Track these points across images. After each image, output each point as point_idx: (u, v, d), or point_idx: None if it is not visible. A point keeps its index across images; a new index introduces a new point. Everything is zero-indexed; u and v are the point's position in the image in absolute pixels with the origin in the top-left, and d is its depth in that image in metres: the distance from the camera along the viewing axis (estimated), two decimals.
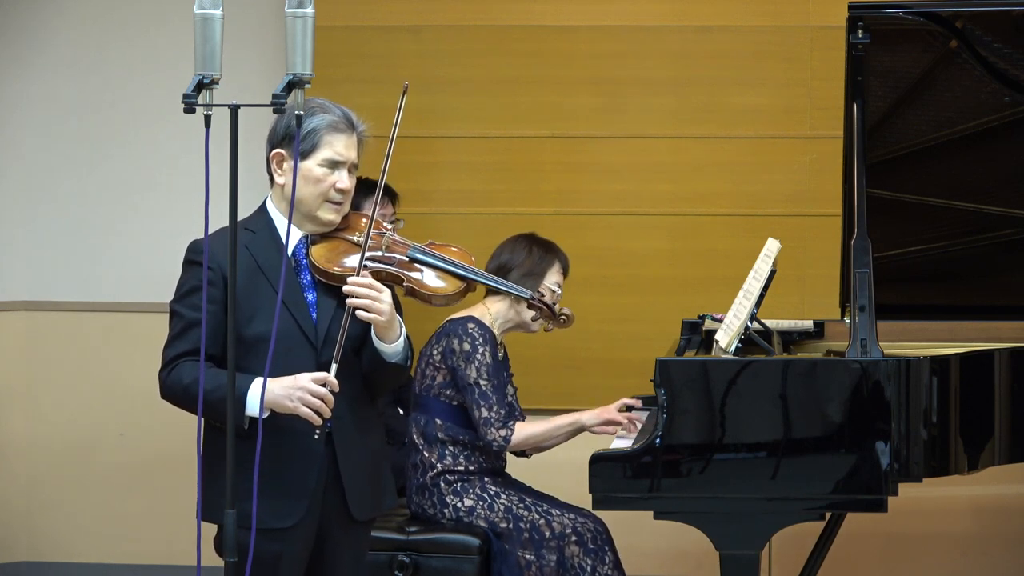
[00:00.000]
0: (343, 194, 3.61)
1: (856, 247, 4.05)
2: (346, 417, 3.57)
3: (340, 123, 3.60)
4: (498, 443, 4.53)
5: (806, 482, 3.88)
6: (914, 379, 3.90)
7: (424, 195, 5.73)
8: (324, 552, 3.63)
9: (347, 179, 3.61)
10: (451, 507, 4.56)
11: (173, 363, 3.51)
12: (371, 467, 3.67)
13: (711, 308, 4.91)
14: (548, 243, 4.76)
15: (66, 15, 5.96)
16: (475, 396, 4.52)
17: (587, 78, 5.75)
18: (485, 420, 4.52)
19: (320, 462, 3.55)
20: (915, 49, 4.45)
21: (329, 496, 3.58)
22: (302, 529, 3.55)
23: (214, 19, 3.06)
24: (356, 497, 3.61)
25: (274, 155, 3.62)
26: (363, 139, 3.67)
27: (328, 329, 3.56)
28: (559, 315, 3.97)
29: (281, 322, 3.47)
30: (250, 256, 3.54)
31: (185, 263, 3.57)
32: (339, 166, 3.60)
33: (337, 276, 3.56)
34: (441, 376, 4.58)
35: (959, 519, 5.70)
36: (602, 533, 4.58)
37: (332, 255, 3.59)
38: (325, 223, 3.62)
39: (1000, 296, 4.80)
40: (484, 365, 4.53)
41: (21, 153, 6.00)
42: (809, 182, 5.67)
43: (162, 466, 5.80)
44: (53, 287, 6.00)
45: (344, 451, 3.58)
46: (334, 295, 3.58)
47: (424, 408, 4.63)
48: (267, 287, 3.51)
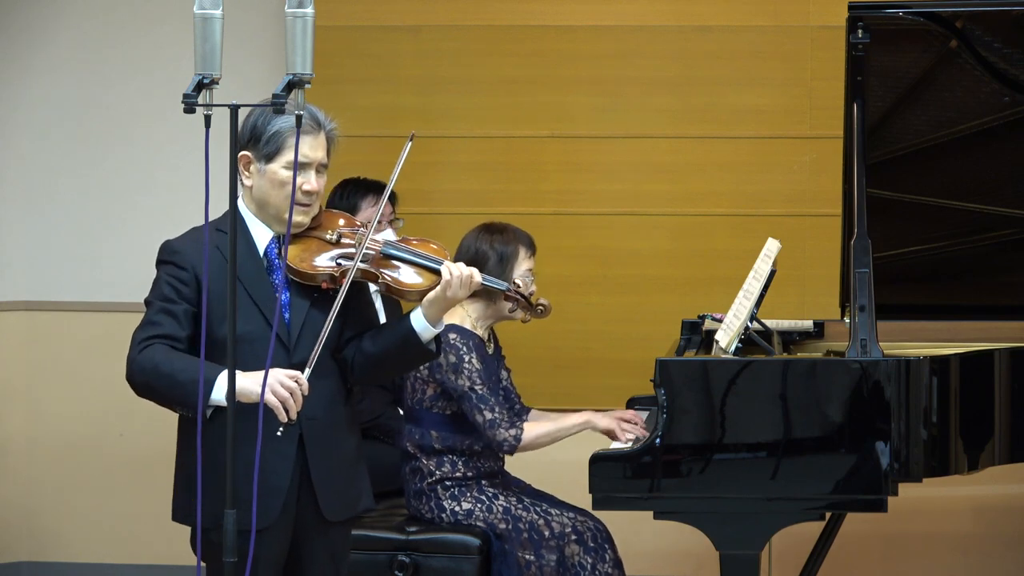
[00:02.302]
0: (310, 196, 3.58)
1: (856, 247, 4.05)
2: (319, 417, 3.56)
3: (306, 124, 3.51)
4: (509, 443, 4.48)
5: (806, 482, 3.88)
6: (914, 379, 3.90)
7: (424, 195, 5.73)
8: (301, 554, 3.62)
9: (315, 180, 3.58)
10: (448, 511, 4.55)
11: (144, 343, 3.48)
12: (345, 468, 3.65)
13: (711, 308, 4.90)
14: (504, 230, 4.58)
15: (66, 15, 5.96)
16: (474, 402, 4.48)
17: (587, 78, 5.75)
18: (491, 422, 4.47)
19: (292, 463, 3.54)
20: (915, 49, 4.45)
21: (303, 497, 3.57)
22: (276, 530, 3.53)
23: (214, 19, 3.06)
24: (328, 498, 3.59)
25: (240, 157, 3.56)
26: (332, 137, 3.62)
27: (301, 329, 3.55)
28: (536, 305, 3.93)
29: (253, 322, 3.47)
30: (221, 257, 3.49)
31: (157, 263, 3.57)
32: (305, 168, 3.56)
33: (309, 275, 3.55)
34: (431, 389, 4.55)
35: (959, 519, 5.70)
36: (602, 532, 4.58)
37: (305, 254, 3.58)
38: (293, 225, 3.56)
39: (1000, 296, 4.80)
40: (475, 371, 4.48)
41: (21, 153, 6.00)
42: (809, 182, 5.67)
43: (162, 466, 5.77)
44: (53, 287, 6.00)
45: (316, 451, 3.56)
46: (307, 295, 3.58)
47: (418, 421, 4.59)
48: (240, 288, 3.47)
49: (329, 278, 3.55)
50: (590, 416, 4.53)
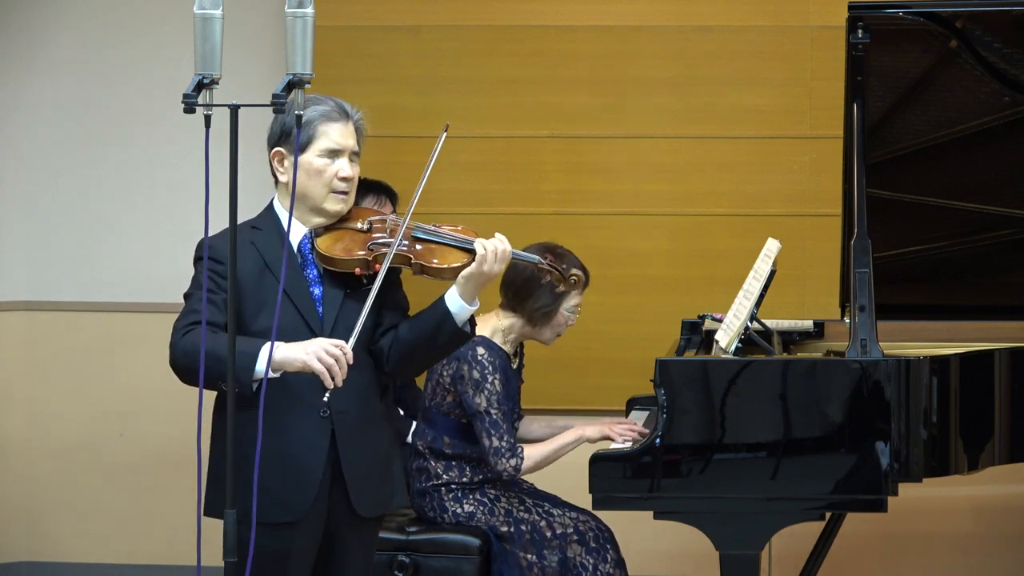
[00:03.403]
0: (347, 182, 3.61)
1: (856, 247, 4.05)
2: (351, 411, 3.56)
3: (333, 112, 3.60)
4: (508, 472, 4.49)
5: (806, 482, 3.88)
6: (914, 379, 3.90)
7: (424, 195, 5.68)
8: (333, 549, 3.62)
9: (348, 167, 3.61)
10: (451, 512, 4.56)
11: (186, 329, 3.48)
12: (378, 463, 3.65)
13: (711, 308, 4.90)
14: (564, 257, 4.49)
15: (66, 15, 5.96)
16: (485, 425, 4.48)
17: (587, 78, 5.75)
18: (495, 450, 4.47)
19: (324, 456, 3.55)
20: (915, 49, 4.45)
21: (335, 491, 3.58)
22: (308, 524, 3.54)
23: (214, 19, 3.06)
24: (360, 493, 3.59)
25: (274, 154, 3.64)
26: (360, 127, 3.67)
27: (335, 323, 3.56)
28: (569, 276, 3.87)
29: (287, 316, 3.48)
30: (257, 253, 3.56)
31: (195, 260, 3.61)
32: (338, 154, 3.60)
33: (344, 261, 3.56)
34: (451, 397, 4.56)
35: (959, 519, 5.70)
36: (604, 532, 4.58)
37: (338, 244, 3.60)
38: (333, 214, 3.62)
39: (1000, 296, 4.80)
40: (494, 394, 4.48)
41: (21, 153, 6.00)
42: (809, 182, 5.66)
43: (162, 466, 5.80)
44: (53, 287, 6.00)
45: (347, 446, 3.57)
46: (340, 288, 3.59)
47: (432, 423, 4.61)
48: (273, 282, 3.52)
49: (363, 264, 3.57)
50: (581, 431, 4.54)
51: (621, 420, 4.56)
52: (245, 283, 3.50)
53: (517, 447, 4.50)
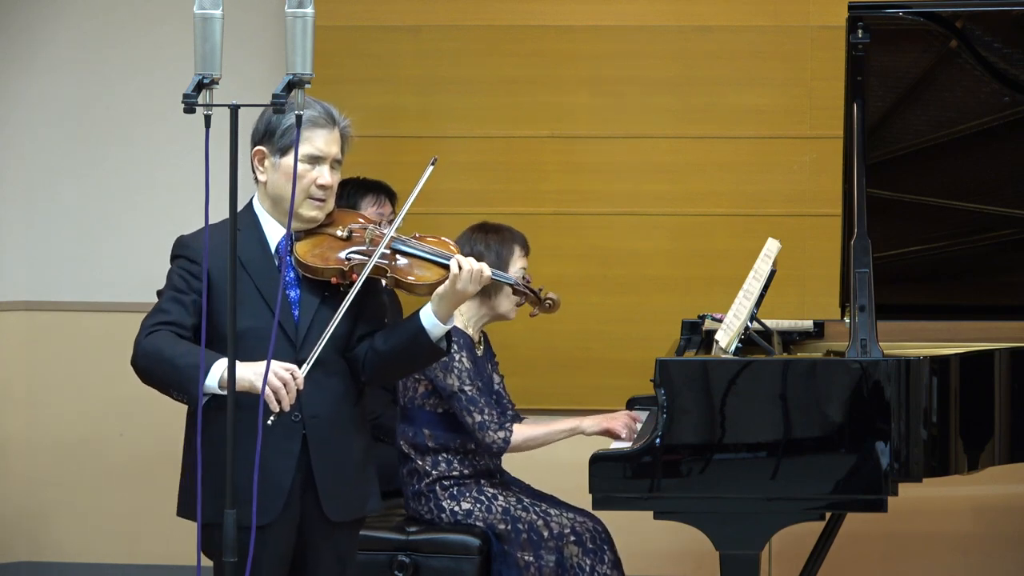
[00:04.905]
0: (324, 190, 3.58)
1: (856, 247, 4.05)
2: (323, 416, 3.55)
3: (320, 119, 3.57)
4: (498, 445, 4.50)
5: (806, 482, 3.88)
6: (914, 379, 3.90)
7: (424, 195, 5.66)
8: (306, 554, 3.61)
9: (328, 175, 3.58)
10: (448, 511, 4.56)
11: (151, 329, 3.49)
12: (350, 468, 3.63)
13: (711, 308, 4.90)
14: (499, 229, 4.59)
15: (66, 15, 5.96)
16: (463, 403, 4.48)
17: (587, 78, 5.75)
18: (480, 424, 4.48)
19: (295, 461, 3.53)
20: (915, 49, 4.45)
21: (306, 496, 3.56)
22: (278, 529, 3.53)
23: (214, 19, 3.06)
24: (331, 498, 3.57)
25: (255, 152, 3.60)
26: (347, 134, 3.64)
27: (309, 327, 3.55)
28: (544, 300, 3.93)
29: (261, 318, 3.48)
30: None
31: (171, 258, 3.61)
32: (319, 161, 3.57)
33: (318, 269, 3.55)
34: (423, 387, 4.55)
35: (959, 519, 5.70)
36: (601, 533, 4.58)
37: (316, 249, 3.58)
38: (307, 220, 3.60)
39: (1000, 296, 4.80)
40: (464, 371, 4.48)
41: (21, 153, 6.00)
42: (809, 182, 5.67)
43: (162, 466, 5.79)
44: (53, 287, 6.00)
45: (319, 451, 3.55)
46: (317, 292, 3.58)
47: (411, 420, 4.59)
48: (250, 283, 3.51)
49: (339, 273, 3.55)
50: (579, 421, 4.55)
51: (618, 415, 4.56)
52: (218, 282, 3.44)
53: (505, 421, 4.50)
